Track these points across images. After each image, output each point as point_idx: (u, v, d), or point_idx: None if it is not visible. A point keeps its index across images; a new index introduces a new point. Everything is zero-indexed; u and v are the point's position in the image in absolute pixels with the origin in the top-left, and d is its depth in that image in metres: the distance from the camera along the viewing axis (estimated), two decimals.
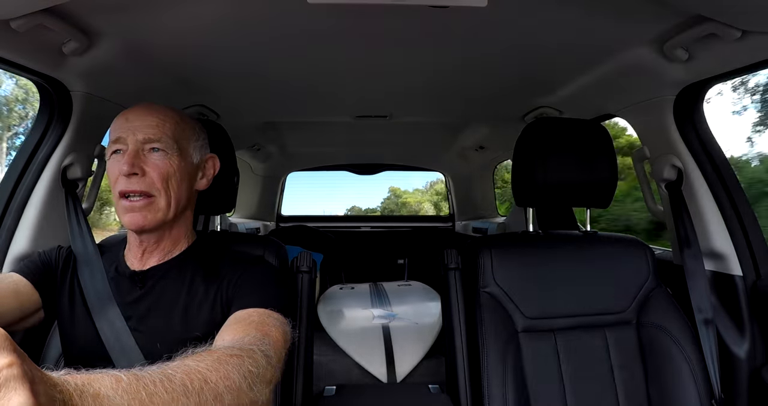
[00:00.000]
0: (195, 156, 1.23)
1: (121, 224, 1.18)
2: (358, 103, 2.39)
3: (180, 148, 1.17)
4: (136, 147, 1.11)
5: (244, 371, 0.77)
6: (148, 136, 1.12)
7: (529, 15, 1.33)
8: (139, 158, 1.11)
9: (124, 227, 1.15)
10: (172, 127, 1.17)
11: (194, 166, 1.23)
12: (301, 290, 1.56)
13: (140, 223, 1.11)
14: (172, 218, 1.17)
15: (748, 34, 1.25)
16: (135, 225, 1.11)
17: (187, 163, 1.19)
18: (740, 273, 1.60)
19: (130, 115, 1.15)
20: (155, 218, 1.13)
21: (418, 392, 1.55)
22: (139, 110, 1.16)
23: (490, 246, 1.59)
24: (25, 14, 1.17)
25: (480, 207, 4.44)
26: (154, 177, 1.12)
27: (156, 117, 1.15)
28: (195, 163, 1.23)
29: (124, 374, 0.60)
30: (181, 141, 1.18)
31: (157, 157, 1.13)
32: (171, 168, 1.14)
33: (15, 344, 0.44)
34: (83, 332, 1.14)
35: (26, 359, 0.45)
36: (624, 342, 1.55)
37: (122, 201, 1.11)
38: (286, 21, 1.37)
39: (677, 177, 1.71)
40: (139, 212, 1.11)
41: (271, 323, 1.00)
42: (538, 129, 1.61)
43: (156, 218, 1.13)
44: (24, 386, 0.42)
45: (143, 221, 1.11)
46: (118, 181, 1.11)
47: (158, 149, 1.13)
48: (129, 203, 1.10)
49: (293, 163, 4.44)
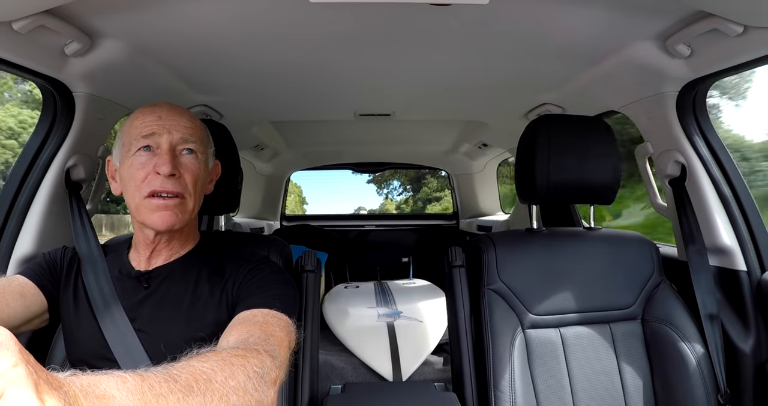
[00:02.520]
0: (210, 161, 1.25)
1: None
2: (361, 102, 2.39)
3: (204, 152, 1.19)
4: (172, 146, 1.12)
5: (249, 371, 0.76)
6: (185, 137, 1.13)
7: (531, 12, 1.33)
8: (175, 159, 1.12)
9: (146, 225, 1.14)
10: (200, 131, 1.19)
11: (208, 171, 1.24)
12: (306, 289, 1.56)
13: (172, 222, 1.11)
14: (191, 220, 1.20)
15: (750, 29, 1.25)
16: (165, 224, 1.11)
17: (205, 168, 1.21)
18: (745, 268, 1.59)
19: (161, 113, 1.14)
20: (184, 219, 1.14)
21: (424, 390, 1.55)
22: (170, 109, 1.16)
23: (495, 243, 1.59)
24: (26, 16, 1.18)
25: (484, 205, 4.43)
26: (188, 179, 1.13)
27: (187, 118, 1.16)
28: (209, 168, 1.25)
29: (130, 374, 0.60)
30: (205, 146, 1.21)
31: (190, 160, 1.14)
32: (200, 171, 1.16)
33: (20, 345, 0.44)
34: (88, 333, 1.14)
35: (31, 360, 0.45)
36: (629, 338, 1.55)
37: (152, 199, 1.10)
38: (288, 20, 1.37)
39: (681, 173, 1.71)
40: (172, 210, 1.11)
41: (275, 324, 1.00)
42: (541, 126, 1.60)
43: (185, 218, 1.14)
44: (29, 386, 0.42)
45: (175, 220, 1.11)
46: (152, 180, 1.10)
47: (192, 151, 1.15)
48: (162, 202, 1.10)
49: (297, 163, 4.44)
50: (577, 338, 1.53)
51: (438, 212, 10.42)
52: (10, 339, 0.43)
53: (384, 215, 7.52)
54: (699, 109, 1.68)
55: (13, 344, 0.43)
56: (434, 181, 23.38)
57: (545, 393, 1.45)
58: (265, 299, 1.07)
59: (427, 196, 23.91)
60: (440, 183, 22.30)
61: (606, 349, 1.53)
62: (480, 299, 1.54)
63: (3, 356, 0.42)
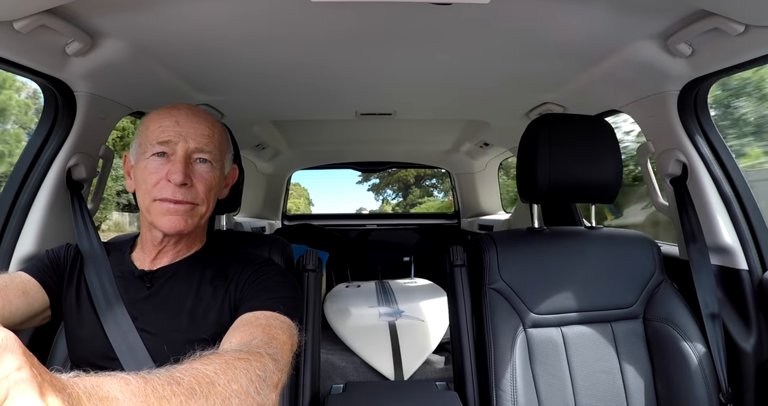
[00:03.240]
0: (227, 167, 1.25)
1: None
2: (362, 101, 2.39)
3: (220, 160, 1.19)
4: (186, 155, 1.11)
5: (251, 374, 0.77)
6: (200, 146, 1.12)
7: (532, 11, 1.33)
8: (188, 167, 1.11)
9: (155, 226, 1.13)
10: (219, 138, 1.18)
11: (223, 177, 1.24)
12: (308, 288, 1.57)
13: (180, 227, 1.11)
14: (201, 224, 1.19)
15: (751, 28, 1.25)
16: (174, 229, 1.11)
17: (221, 175, 1.21)
18: (746, 267, 1.59)
19: (179, 117, 1.13)
20: (193, 223, 1.14)
21: (425, 389, 1.55)
22: (189, 114, 1.15)
23: (496, 242, 1.59)
24: (27, 15, 1.18)
25: (485, 204, 4.43)
26: (200, 189, 1.13)
27: (206, 126, 1.15)
28: (225, 174, 1.25)
29: (133, 376, 0.60)
30: (222, 153, 1.20)
31: (204, 169, 1.14)
32: (214, 180, 1.16)
33: (24, 347, 0.44)
34: (90, 331, 1.14)
35: (35, 362, 0.45)
36: (631, 337, 1.55)
37: (163, 203, 1.10)
38: (289, 20, 1.37)
39: (682, 172, 1.71)
40: (182, 216, 1.11)
41: (278, 326, 1.00)
42: (543, 125, 1.60)
43: (194, 223, 1.14)
44: (33, 389, 0.42)
45: (183, 225, 1.12)
46: (163, 187, 1.10)
47: (206, 160, 1.14)
48: (173, 207, 1.10)
49: (298, 162, 4.44)
50: (578, 337, 1.53)
51: (439, 212, 10.40)
52: (14, 342, 0.43)
53: (385, 214, 7.53)
54: (700, 108, 1.68)
55: (17, 346, 0.43)
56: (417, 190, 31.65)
57: (546, 392, 1.45)
58: (268, 301, 1.07)
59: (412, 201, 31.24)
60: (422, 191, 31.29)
61: (607, 348, 1.53)
62: (481, 298, 1.54)
63: (7, 358, 0.42)
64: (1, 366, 0.41)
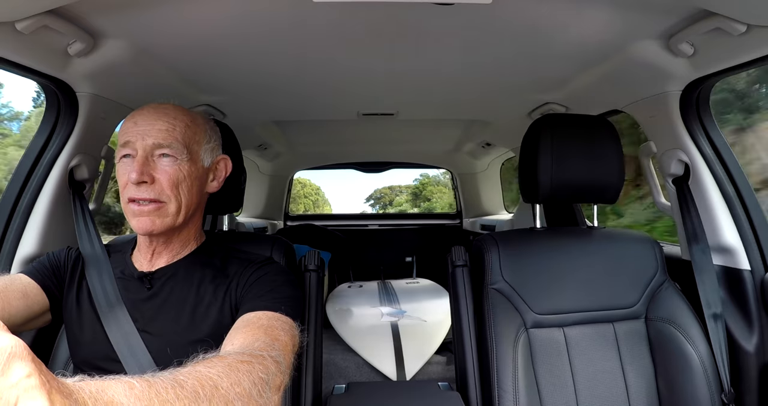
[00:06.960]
0: (206, 159, 1.21)
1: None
2: (364, 101, 2.39)
3: (190, 152, 1.15)
4: (146, 153, 1.10)
5: (254, 377, 0.77)
6: (157, 142, 1.10)
7: (534, 11, 1.32)
8: (148, 165, 1.09)
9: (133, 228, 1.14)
10: (183, 130, 1.14)
11: (205, 169, 1.21)
12: (310, 288, 1.57)
13: (149, 228, 1.10)
14: (182, 222, 1.17)
15: (753, 28, 1.25)
16: (143, 230, 1.11)
17: (197, 168, 1.18)
18: (748, 267, 1.59)
19: (138, 118, 1.12)
20: (164, 223, 1.12)
21: (427, 389, 1.55)
22: (148, 113, 1.13)
23: (498, 243, 1.59)
24: (29, 16, 1.18)
25: (487, 204, 4.43)
26: (164, 184, 1.11)
27: (165, 121, 1.13)
28: (206, 166, 1.22)
29: (137, 380, 0.60)
30: (192, 145, 1.16)
31: (166, 163, 1.12)
32: (181, 174, 1.13)
33: (33, 354, 0.44)
34: (91, 334, 1.14)
35: (43, 369, 0.45)
36: (633, 337, 1.55)
37: (131, 205, 1.10)
38: (291, 20, 1.37)
39: (684, 172, 1.71)
40: (147, 216, 1.10)
41: (280, 327, 0.99)
42: (545, 125, 1.60)
43: (165, 222, 1.12)
44: (42, 396, 0.42)
45: (152, 226, 1.10)
46: (128, 188, 1.09)
47: (168, 155, 1.12)
48: (138, 208, 1.09)
49: (300, 162, 4.45)
50: (580, 337, 1.53)
51: (441, 212, 10.40)
52: (23, 349, 0.44)
53: (387, 214, 7.53)
54: (702, 108, 1.67)
55: (26, 353, 0.43)
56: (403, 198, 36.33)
57: (548, 392, 1.45)
58: (270, 301, 1.07)
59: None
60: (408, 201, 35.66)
61: (609, 348, 1.53)
62: (483, 298, 1.54)
63: (17, 366, 0.42)
64: (11, 373, 0.42)
